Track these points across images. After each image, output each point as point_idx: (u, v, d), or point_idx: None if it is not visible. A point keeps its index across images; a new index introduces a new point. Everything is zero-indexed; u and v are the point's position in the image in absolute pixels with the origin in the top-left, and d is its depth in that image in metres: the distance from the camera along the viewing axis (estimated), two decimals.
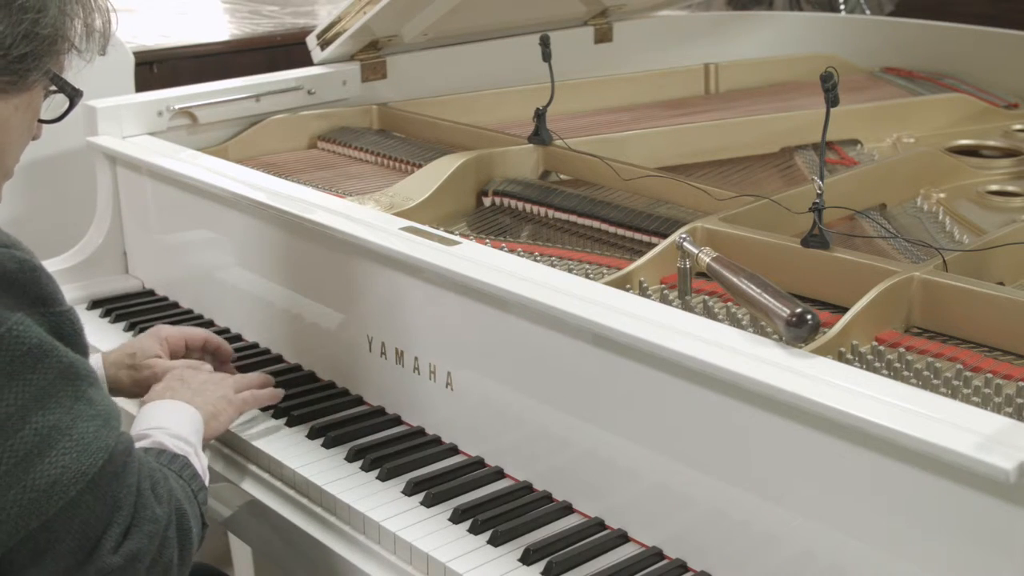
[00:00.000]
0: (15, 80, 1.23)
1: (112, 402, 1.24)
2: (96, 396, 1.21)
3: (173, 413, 1.47)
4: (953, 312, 1.45)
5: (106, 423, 1.20)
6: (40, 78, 1.26)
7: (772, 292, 1.36)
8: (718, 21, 3.13)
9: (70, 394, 1.17)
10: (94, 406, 1.19)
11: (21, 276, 1.15)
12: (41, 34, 1.22)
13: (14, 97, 1.24)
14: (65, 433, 1.15)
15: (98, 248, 2.20)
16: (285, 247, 1.84)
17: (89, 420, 1.18)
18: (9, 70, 1.22)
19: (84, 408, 1.18)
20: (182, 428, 1.44)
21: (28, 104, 1.27)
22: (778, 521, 1.26)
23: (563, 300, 1.43)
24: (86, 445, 1.16)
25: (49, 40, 1.24)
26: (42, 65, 1.25)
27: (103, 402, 1.21)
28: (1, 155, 1.27)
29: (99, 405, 1.20)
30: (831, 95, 1.45)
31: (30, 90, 1.26)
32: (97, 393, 1.21)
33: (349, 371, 1.78)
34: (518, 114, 2.36)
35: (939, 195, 1.99)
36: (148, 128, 2.19)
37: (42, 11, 1.22)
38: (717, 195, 1.83)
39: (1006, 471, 1.05)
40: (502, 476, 1.55)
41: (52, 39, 1.24)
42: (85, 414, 1.18)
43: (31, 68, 1.23)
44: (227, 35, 3.45)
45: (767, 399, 1.23)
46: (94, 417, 1.19)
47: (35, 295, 1.16)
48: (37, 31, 1.22)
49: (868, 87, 2.68)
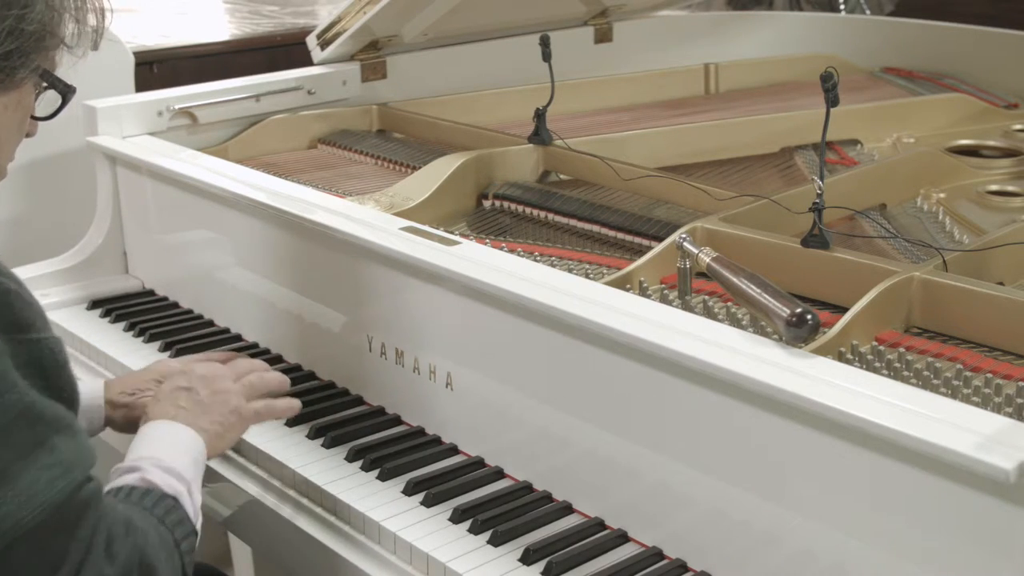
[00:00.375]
0: (1, 78, 1.20)
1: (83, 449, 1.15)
2: (61, 443, 1.11)
3: (171, 441, 1.37)
4: (953, 312, 1.45)
5: (65, 473, 1.11)
6: (29, 75, 1.23)
7: (772, 292, 1.36)
8: (718, 21, 3.13)
9: (27, 438, 1.09)
10: (55, 453, 1.10)
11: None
12: (27, 30, 1.19)
13: (2, 96, 1.22)
14: (9, 482, 1.07)
15: (98, 248, 2.20)
16: (285, 247, 1.84)
17: (44, 469, 1.09)
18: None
19: (41, 456, 1.09)
20: (178, 459, 1.33)
21: (18, 102, 1.24)
22: (778, 521, 1.26)
23: (563, 300, 1.43)
24: (31, 496, 1.07)
25: (36, 36, 1.21)
26: (30, 62, 1.21)
27: (69, 450, 1.12)
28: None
29: (62, 452, 1.11)
30: (831, 95, 1.45)
31: (19, 88, 1.23)
32: (64, 440, 1.12)
33: (349, 371, 1.78)
34: (518, 114, 2.36)
35: (939, 195, 1.99)
36: (148, 128, 2.19)
37: (28, 7, 1.19)
38: (717, 195, 1.83)
39: (1006, 471, 1.05)
40: (502, 476, 1.55)
41: (39, 35, 1.21)
42: (40, 462, 1.09)
43: (18, 66, 1.20)
44: (227, 35, 3.45)
45: (767, 399, 1.23)
46: (51, 466, 1.10)
47: (8, 321, 1.10)
48: (23, 27, 1.18)
49: (868, 87, 2.68)
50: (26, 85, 1.24)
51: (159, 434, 1.38)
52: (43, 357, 1.13)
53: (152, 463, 1.31)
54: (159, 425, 1.39)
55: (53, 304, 2.12)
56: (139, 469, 1.30)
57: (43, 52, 1.23)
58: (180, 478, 1.31)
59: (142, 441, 1.37)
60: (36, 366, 1.12)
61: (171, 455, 1.34)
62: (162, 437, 1.38)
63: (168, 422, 1.40)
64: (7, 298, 1.10)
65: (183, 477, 1.32)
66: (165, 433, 1.39)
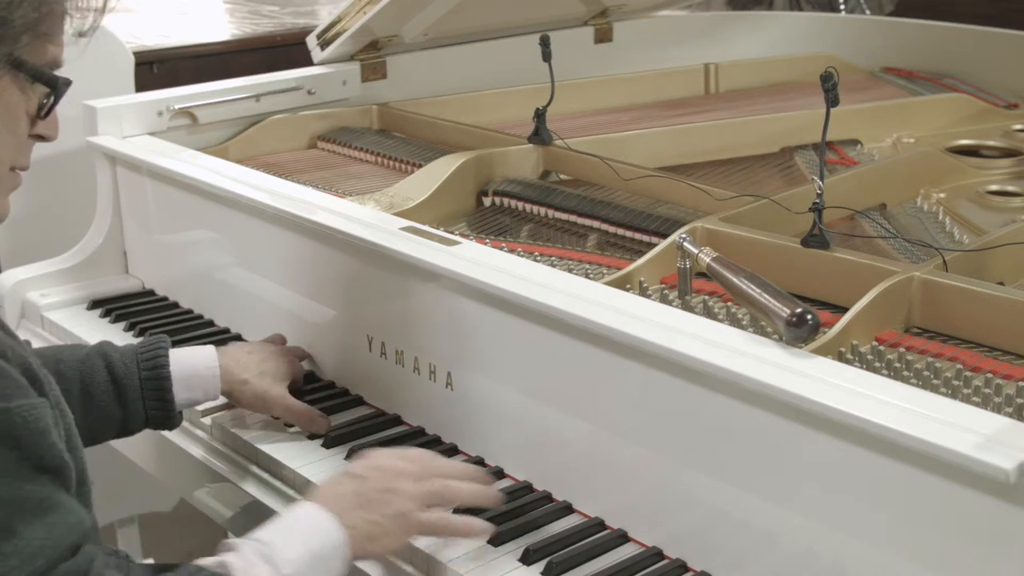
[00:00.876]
0: None
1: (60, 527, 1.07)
2: (24, 529, 1.04)
3: (301, 527, 1.24)
4: (953, 312, 1.45)
5: (23, 563, 1.03)
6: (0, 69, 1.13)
7: (772, 292, 1.36)
8: (718, 21, 3.13)
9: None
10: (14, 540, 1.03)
11: None
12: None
13: None
14: None
15: (98, 248, 2.20)
16: (285, 247, 1.84)
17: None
18: None
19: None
20: (289, 549, 1.20)
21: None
22: (778, 521, 1.26)
23: (563, 300, 1.43)
24: None
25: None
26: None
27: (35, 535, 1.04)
28: None
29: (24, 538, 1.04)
30: (831, 95, 1.45)
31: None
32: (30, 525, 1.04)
33: (349, 371, 1.78)
34: (518, 114, 2.36)
35: (939, 195, 1.99)
36: (148, 128, 2.19)
37: None
38: (717, 195, 1.83)
39: (1006, 471, 1.05)
40: (502, 476, 1.55)
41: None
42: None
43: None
44: (227, 35, 3.45)
45: (767, 399, 1.23)
46: (7, 555, 1.02)
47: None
48: None
49: (868, 87, 2.68)
50: (1, 80, 1.15)
51: (295, 517, 1.27)
52: (14, 427, 1.05)
53: (256, 547, 1.20)
54: (303, 506, 1.29)
55: (53, 304, 2.12)
56: (236, 549, 1.20)
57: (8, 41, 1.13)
58: (276, 568, 1.19)
59: (275, 518, 1.28)
60: (7, 439, 1.04)
61: (285, 543, 1.22)
62: (294, 522, 1.26)
63: (314, 506, 1.28)
64: None
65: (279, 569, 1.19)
66: (301, 517, 1.27)
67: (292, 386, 1.71)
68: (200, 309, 2.08)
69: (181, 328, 2.02)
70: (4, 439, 1.05)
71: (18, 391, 1.08)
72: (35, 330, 2.10)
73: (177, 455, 1.75)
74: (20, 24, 1.13)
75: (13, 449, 1.06)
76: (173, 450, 1.75)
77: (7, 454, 1.05)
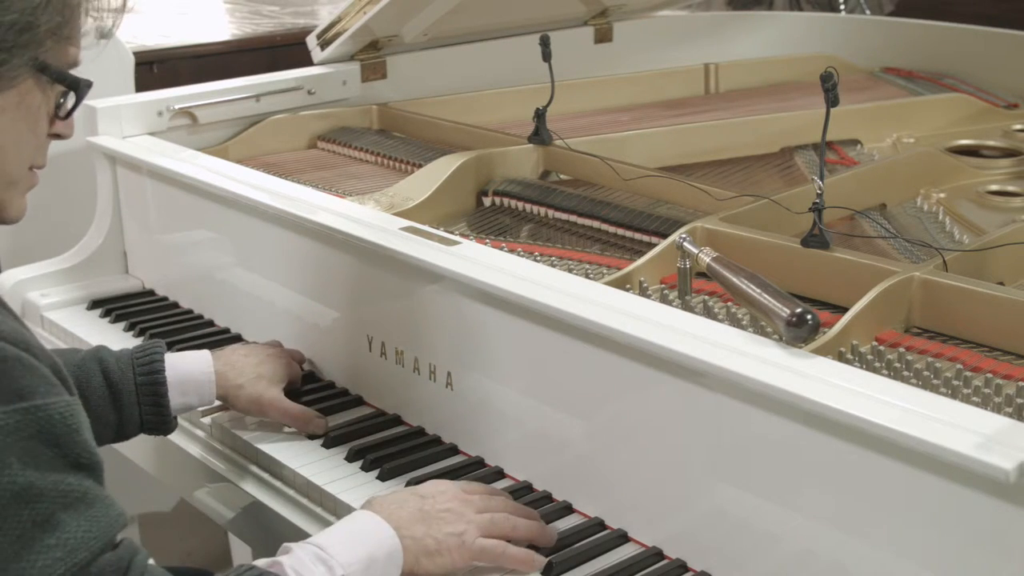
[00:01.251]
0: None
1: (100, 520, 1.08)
2: (68, 519, 1.05)
3: (358, 531, 1.26)
4: (953, 312, 1.45)
5: (68, 555, 1.04)
6: (21, 72, 1.14)
7: (772, 292, 1.36)
8: (718, 21, 3.13)
9: (24, 519, 1.02)
10: (59, 532, 1.04)
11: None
12: (4, 23, 1.10)
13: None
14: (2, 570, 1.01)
15: (98, 248, 2.20)
16: (285, 247, 1.84)
17: (43, 551, 1.03)
18: None
19: (42, 536, 1.03)
20: (346, 552, 1.22)
21: (18, 103, 1.16)
22: (778, 521, 1.26)
23: (563, 300, 1.43)
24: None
25: (17, 28, 1.11)
26: (13, 57, 1.12)
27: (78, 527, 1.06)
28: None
29: (67, 531, 1.05)
30: (831, 95, 1.45)
31: (15, 87, 1.14)
32: (72, 516, 1.05)
33: (349, 371, 1.78)
34: (518, 114, 2.36)
35: (939, 195, 1.99)
36: (148, 128, 2.19)
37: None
38: (717, 195, 1.83)
39: (1006, 471, 1.05)
40: (502, 476, 1.55)
41: (21, 27, 1.12)
42: (40, 543, 1.03)
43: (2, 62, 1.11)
44: (227, 35, 3.45)
45: (767, 399, 1.23)
46: (52, 547, 1.03)
47: (8, 390, 1.03)
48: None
49: (868, 87, 2.68)
50: (24, 82, 1.16)
51: (353, 523, 1.29)
52: (53, 425, 1.06)
53: (311, 550, 1.22)
54: (363, 515, 1.30)
55: (53, 304, 2.12)
56: (291, 552, 1.22)
57: (32, 45, 1.14)
58: (331, 569, 1.21)
59: (333, 526, 1.30)
60: (46, 436, 1.06)
61: (341, 546, 1.23)
62: (351, 528, 1.28)
63: (373, 516, 1.29)
64: (4, 366, 1.04)
65: (333, 571, 1.21)
66: (360, 524, 1.29)
67: (290, 387, 1.72)
68: (200, 309, 2.08)
69: (181, 328, 2.02)
70: (43, 436, 1.05)
71: (52, 388, 1.08)
72: (35, 330, 2.09)
73: (177, 455, 1.75)
74: (45, 29, 1.15)
75: (52, 446, 1.06)
76: (173, 450, 1.75)
77: (46, 451, 1.06)
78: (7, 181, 1.20)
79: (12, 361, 1.05)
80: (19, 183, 1.22)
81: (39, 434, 1.05)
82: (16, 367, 1.05)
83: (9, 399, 1.04)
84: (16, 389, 1.05)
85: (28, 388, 1.05)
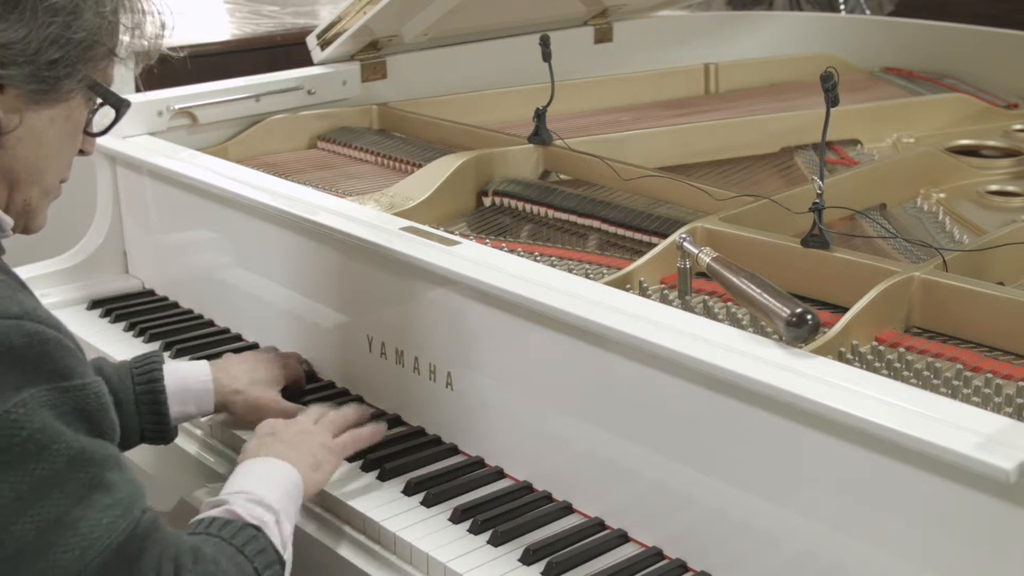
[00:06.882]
0: (45, 89, 1.16)
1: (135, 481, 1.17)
2: (116, 479, 1.13)
3: (263, 474, 1.38)
4: (953, 312, 1.45)
5: (126, 510, 1.13)
6: (77, 87, 1.20)
7: (772, 292, 1.36)
8: (718, 21, 3.13)
9: (82, 481, 1.11)
10: (112, 492, 1.13)
11: (29, 352, 1.09)
12: (74, 39, 1.16)
13: (48, 108, 1.18)
14: (70, 527, 1.09)
15: (98, 248, 2.20)
16: (285, 247, 1.84)
17: (104, 509, 1.11)
18: (38, 77, 1.15)
19: (99, 497, 1.12)
20: (268, 491, 1.34)
21: (67, 116, 1.21)
22: (778, 521, 1.26)
23: (563, 300, 1.43)
24: (94, 540, 1.10)
25: (84, 45, 1.17)
26: (76, 73, 1.18)
27: (124, 486, 1.14)
28: (38, 172, 1.21)
29: (119, 491, 1.13)
30: (831, 95, 1.45)
31: (67, 100, 1.20)
32: (118, 475, 1.14)
33: (349, 371, 1.78)
34: (518, 114, 2.36)
35: (939, 195, 1.99)
36: (148, 128, 2.19)
37: (74, 13, 1.16)
38: (717, 195, 1.83)
39: (1006, 471, 1.05)
40: (502, 476, 1.56)
41: (87, 44, 1.18)
42: (99, 503, 1.11)
43: (63, 76, 1.17)
44: (227, 35, 3.45)
45: (767, 399, 1.23)
46: (111, 506, 1.12)
47: (49, 370, 1.10)
48: (68, 35, 1.15)
49: (868, 87, 2.68)
50: (75, 98, 1.21)
51: (251, 468, 1.40)
52: (88, 402, 1.13)
53: (241, 496, 1.32)
54: (252, 461, 1.41)
55: (53, 304, 2.12)
56: (225, 503, 1.31)
57: (91, 63, 1.20)
58: (268, 508, 1.32)
59: (235, 477, 1.38)
60: (82, 412, 1.12)
61: (261, 487, 1.35)
62: (254, 471, 1.39)
63: (262, 458, 1.42)
64: (46, 347, 1.10)
65: (271, 507, 1.32)
66: (257, 467, 1.40)
67: (294, 387, 1.72)
68: (200, 309, 2.08)
69: (181, 328, 2.02)
70: (81, 412, 1.12)
71: (87, 370, 1.15)
72: None
73: (176, 455, 1.76)
74: (104, 49, 1.21)
75: (88, 420, 1.13)
76: (172, 450, 1.75)
77: (82, 425, 1.13)
78: (43, 191, 1.25)
79: (53, 344, 1.11)
80: (51, 194, 1.27)
81: (78, 410, 1.12)
82: (57, 349, 1.11)
83: (51, 378, 1.10)
84: (59, 369, 1.11)
85: (68, 369, 1.12)
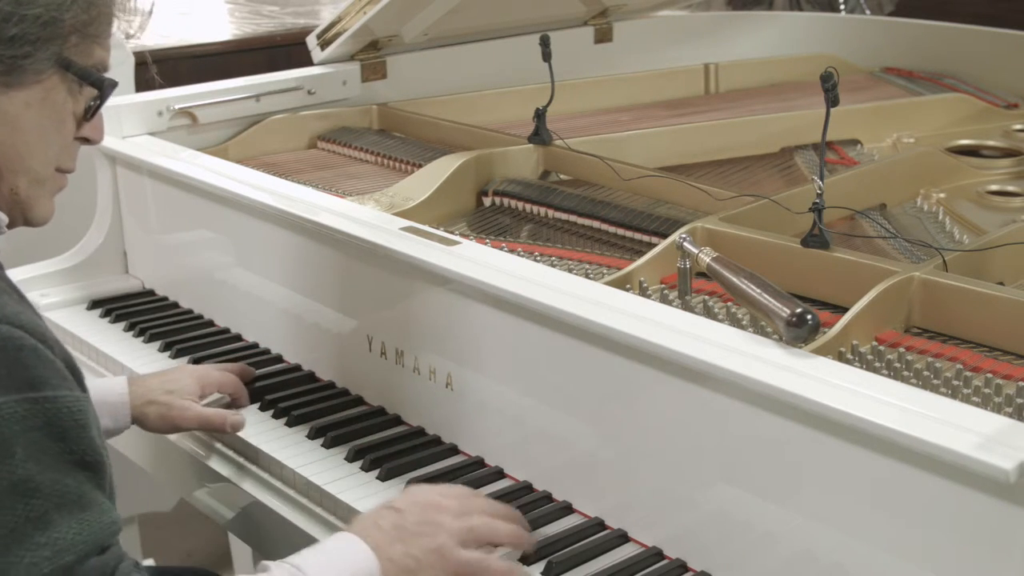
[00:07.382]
0: (9, 69, 1.12)
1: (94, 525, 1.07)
2: (61, 520, 1.04)
3: (337, 557, 1.23)
4: (953, 312, 1.45)
5: (54, 556, 1.03)
6: (47, 67, 1.15)
7: (772, 292, 1.36)
8: (718, 21, 3.13)
9: (19, 513, 1.01)
10: (49, 531, 1.03)
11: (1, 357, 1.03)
12: (28, 15, 1.11)
13: (20, 91, 1.14)
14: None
15: (98, 248, 2.20)
16: (285, 247, 1.84)
17: (30, 549, 1.01)
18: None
19: (31, 533, 1.02)
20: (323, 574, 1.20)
21: (43, 99, 1.16)
22: (778, 521, 1.26)
23: (563, 300, 1.43)
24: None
25: (42, 21, 1.12)
26: (40, 51, 1.13)
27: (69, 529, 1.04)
28: (20, 158, 1.17)
29: (59, 531, 1.04)
30: (831, 95, 1.45)
31: (40, 82, 1.15)
32: (66, 517, 1.04)
33: (349, 371, 1.78)
34: (518, 114, 2.36)
35: (939, 195, 1.99)
36: (148, 128, 2.20)
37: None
38: (717, 195, 1.83)
39: (1006, 471, 1.05)
40: (502, 476, 1.55)
41: (45, 20, 1.13)
42: (29, 541, 1.02)
43: (25, 55, 1.12)
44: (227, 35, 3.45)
45: (767, 399, 1.23)
46: (40, 546, 1.02)
47: (20, 378, 1.03)
48: (22, 12, 1.11)
49: (868, 87, 2.68)
50: (50, 79, 1.17)
51: (332, 546, 1.26)
52: (61, 417, 1.06)
53: (289, 570, 1.20)
54: (341, 536, 1.27)
55: (53, 304, 2.12)
56: (268, 570, 1.20)
57: (58, 40, 1.15)
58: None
59: (312, 547, 1.26)
60: (54, 428, 1.05)
61: (319, 567, 1.21)
62: (330, 550, 1.25)
63: (353, 537, 1.26)
64: (20, 354, 1.04)
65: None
66: (339, 546, 1.25)
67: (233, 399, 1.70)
68: (200, 309, 2.08)
69: (181, 328, 2.02)
70: (50, 429, 1.05)
71: (64, 382, 1.08)
72: None
73: (176, 455, 1.76)
74: (70, 24, 1.16)
75: (58, 440, 1.06)
76: (172, 450, 1.75)
77: (51, 445, 1.05)
78: (33, 179, 1.20)
79: (28, 351, 1.05)
80: (46, 183, 1.23)
81: (47, 426, 1.05)
82: (31, 357, 1.05)
83: (21, 388, 1.04)
84: (29, 379, 1.04)
85: (41, 379, 1.05)
